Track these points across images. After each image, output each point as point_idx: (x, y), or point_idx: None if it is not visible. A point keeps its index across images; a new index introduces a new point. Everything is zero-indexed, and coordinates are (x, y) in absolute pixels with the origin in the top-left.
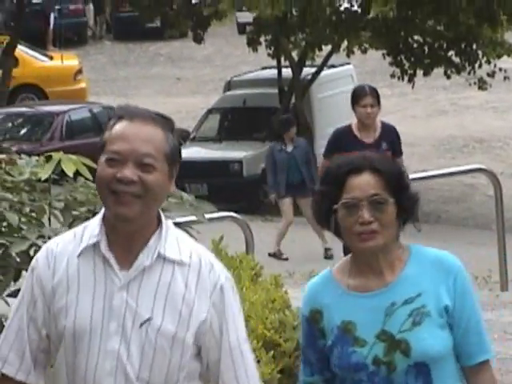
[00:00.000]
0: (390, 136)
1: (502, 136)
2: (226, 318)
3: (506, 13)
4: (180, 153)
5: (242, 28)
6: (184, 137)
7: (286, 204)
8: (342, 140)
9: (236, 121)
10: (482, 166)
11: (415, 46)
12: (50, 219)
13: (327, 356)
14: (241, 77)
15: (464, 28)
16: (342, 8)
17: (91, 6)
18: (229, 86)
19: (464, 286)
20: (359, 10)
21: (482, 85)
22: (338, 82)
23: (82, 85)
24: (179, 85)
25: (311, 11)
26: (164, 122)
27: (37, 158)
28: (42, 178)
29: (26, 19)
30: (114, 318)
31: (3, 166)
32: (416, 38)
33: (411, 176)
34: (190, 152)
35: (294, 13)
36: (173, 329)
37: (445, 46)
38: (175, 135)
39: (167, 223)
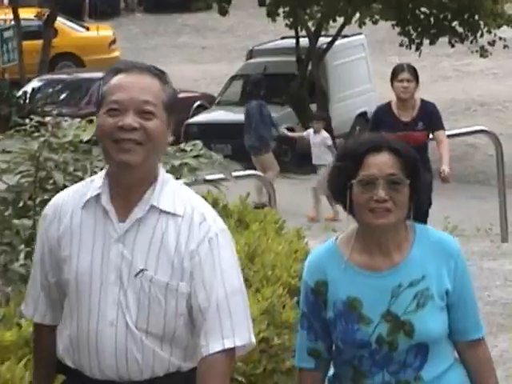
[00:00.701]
0: (429, 113)
1: (502, 100)
2: (214, 268)
3: None
4: (176, 104)
5: (262, 0)
6: (210, 101)
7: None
8: (382, 118)
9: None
10: (484, 128)
11: (422, 17)
12: (90, 177)
13: (331, 326)
14: (261, 46)
15: (467, 0)
16: None
17: None
18: (251, 54)
19: (463, 269)
20: None
21: (483, 53)
22: (351, 50)
23: (116, 53)
24: (204, 53)
25: None
26: (159, 73)
27: (79, 121)
28: (84, 140)
29: None
30: (112, 270)
31: (49, 128)
32: (423, 9)
33: None
34: (215, 115)
35: None
36: (165, 279)
37: (449, 16)
38: (171, 87)
39: (166, 177)
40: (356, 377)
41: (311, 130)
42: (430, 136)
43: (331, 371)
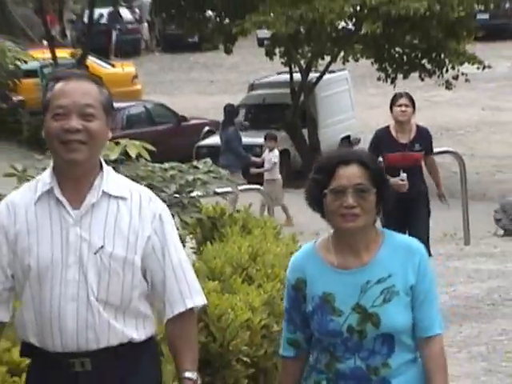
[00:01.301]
0: (424, 138)
1: (464, 125)
2: (167, 241)
3: (466, 30)
4: (112, 105)
5: (261, 42)
6: (217, 127)
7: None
8: (382, 139)
9: (257, 112)
10: (449, 149)
11: (396, 55)
12: None
13: (309, 318)
14: (261, 80)
15: (434, 41)
16: (339, 27)
17: (145, 25)
18: (252, 87)
19: (426, 267)
20: (353, 28)
21: (448, 85)
22: (336, 83)
23: (138, 87)
24: (212, 86)
25: (315, 29)
26: (95, 79)
27: (106, 143)
28: (112, 158)
29: (93, 36)
30: (71, 251)
31: None
32: (397, 49)
33: None
34: (215, 139)
35: (302, 31)
36: (123, 253)
37: (419, 55)
38: (107, 90)
39: (107, 168)
40: (332, 362)
41: (267, 150)
42: None
43: (311, 358)
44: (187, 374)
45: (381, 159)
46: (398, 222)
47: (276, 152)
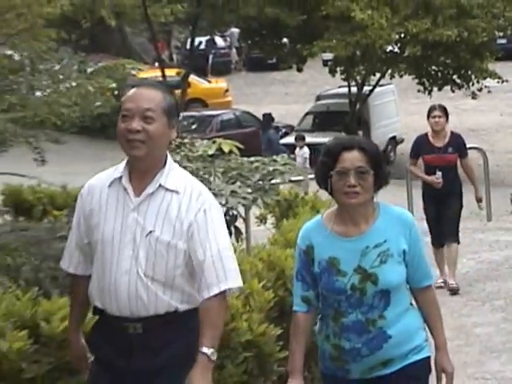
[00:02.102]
0: (457, 142)
1: (486, 127)
2: (208, 231)
3: (489, 52)
4: (177, 109)
5: (325, 62)
6: (291, 129)
7: None
8: (421, 144)
9: (322, 118)
10: (475, 145)
11: (432, 72)
12: (214, 179)
13: (317, 279)
14: (325, 92)
15: (463, 61)
16: (387, 50)
17: (234, 50)
18: (318, 98)
19: (416, 235)
20: (398, 51)
21: (473, 96)
22: (385, 95)
23: (229, 98)
24: (287, 98)
25: (368, 52)
26: (163, 87)
27: (205, 141)
28: (209, 154)
29: (194, 59)
30: (128, 232)
31: (187, 146)
32: (433, 67)
33: None
34: (294, 139)
35: (358, 53)
36: (168, 238)
37: (451, 72)
38: (172, 96)
39: (172, 165)
40: (336, 316)
41: (298, 147)
42: None
43: (320, 314)
44: (204, 349)
45: (420, 160)
46: (433, 211)
47: (305, 149)
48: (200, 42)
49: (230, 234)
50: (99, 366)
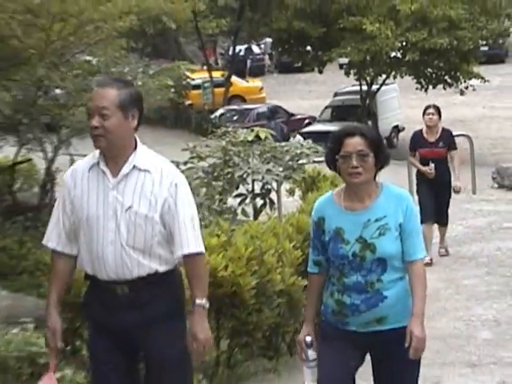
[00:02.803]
0: (447, 137)
1: (471, 118)
2: (178, 203)
3: (474, 57)
4: (136, 101)
5: (341, 66)
6: (313, 120)
7: None
8: (416, 139)
9: (339, 111)
10: (463, 133)
11: (428, 74)
12: (252, 160)
13: (326, 246)
14: (341, 89)
15: (453, 65)
16: (391, 55)
17: (267, 56)
18: (335, 94)
19: (412, 211)
20: (400, 56)
21: (461, 93)
22: (389, 92)
23: (263, 95)
24: (310, 94)
25: (376, 58)
26: (119, 82)
27: (245, 130)
28: (249, 139)
29: (235, 63)
30: (110, 208)
31: (231, 133)
32: (429, 69)
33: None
34: (316, 127)
35: (368, 58)
36: (145, 211)
37: (443, 73)
38: (129, 89)
39: (142, 147)
40: (341, 277)
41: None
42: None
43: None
44: (197, 301)
45: (417, 153)
46: (428, 197)
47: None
48: (240, 50)
49: (265, 204)
50: (95, 328)
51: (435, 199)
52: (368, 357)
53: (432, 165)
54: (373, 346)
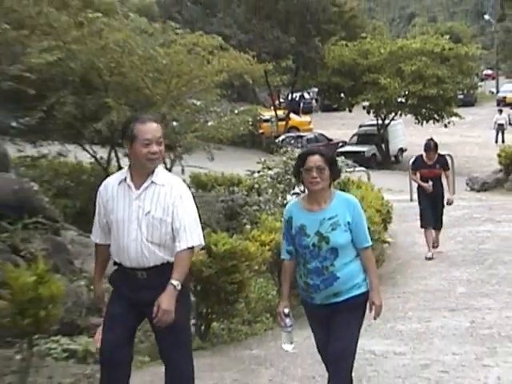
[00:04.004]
0: (442, 161)
1: (452, 143)
2: (183, 211)
3: (453, 102)
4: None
5: (364, 107)
6: (345, 143)
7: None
8: (418, 162)
9: (362, 138)
10: (446, 153)
11: (423, 113)
12: None
13: (294, 238)
14: (364, 123)
15: (440, 107)
16: (398, 100)
17: (314, 100)
18: (360, 126)
19: (358, 211)
20: (404, 101)
21: (445, 126)
22: (396, 125)
23: (311, 126)
24: (343, 126)
25: (388, 102)
26: (158, 119)
27: (299, 150)
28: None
29: (292, 104)
30: (133, 213)
31: (289, 152)
32: (423, 110)
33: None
34: (346, 148)
35: (382, 102)
36: (160, 216)
37: (433, 113)
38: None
39: (159, 167)
40: (304, 263)
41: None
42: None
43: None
44: (173, 281)
45: (418, 174)
46: (427, 207)
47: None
48: (295, 96)
49: None
50: (117, 295)
51: (432, 209)
52: None
53: (430, 182)
54: (332, 313)
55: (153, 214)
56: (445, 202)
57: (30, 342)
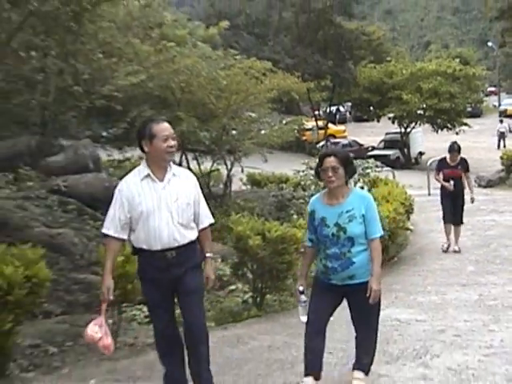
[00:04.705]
0: (464, 163)
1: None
2: (200, 196)
3: (463, 113)
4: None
5: (389, 118)
6: (373, 148)
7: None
8: (442, 163)
9: (388, 143)
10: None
11: (438, 123)
12: None
13: (316, 228)
14: (389, 131)
15: (452, 118)
16: (418, 112)
17: (348, 112)
18: (386, 134)
19: (370, 205)
20: (423, 113)
21: (457, 133)
22: (416, 133)
23: (346, 134)
24: (372, 133)
25: (409, 114)
26: (168, 120)
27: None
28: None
29: (329, 116)
30: (162, 202)
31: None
32: (438, 120)
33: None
34: (375, 152)
35: (404, 114)
36: (186, 201)
37: (446, 123)
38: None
39: (172, 163)
40: (324, 249)
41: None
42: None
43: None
44: (208, 254)
45: (441, 175)
46: (448, 204)
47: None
48: (333, 109)
49: None
50: (149, 284)
51: (453, 206)
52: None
53: (452, 182)
54: (346, 293)
55: (180, 200)
56: (466, 200)
57: (119, 309)
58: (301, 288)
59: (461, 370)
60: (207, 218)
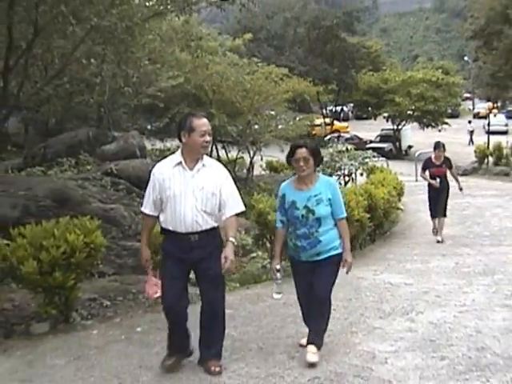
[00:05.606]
0: (448, 161)
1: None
2: (228, 187)
3: (445, 114)
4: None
5: (384, 117)
6: (371, 141)
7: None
8: (428, 162)
9: (383, 137)
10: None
11: (424, 121)
12: (342, 159)
13: (286, 211)
14: (384, 128)
15: (435, 117)
16: (407, 113)
17: (350, 111)
18: (381, 130)
19: (335, 189)
20: (412, 113)
21: (439, 131)
22: (406, 129)
23: (348, 129)
24: (370, 129)
25: (401, 114)
26: (206, 115)
27: (340, 145)
28: (342, 149)
29: (336, 115)
30: (189, 188)
31: (334, 146)
32: (425, 120)
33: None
34: (372, 145)
35: (396, 114)
36: (211, 189)
37: (431, 121)
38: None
39: (204, 155)
40: (294, 230)
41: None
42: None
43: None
44: (231, 239)
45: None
46: (434, 201)
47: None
48: (337, 109)
49: (351, 179)
50: (170, 258)
51: (438, 201)
52: None
53: (438, 179)
54: (314, 268)
55: (206, 189)
56: (450, 193)
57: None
58: (277, 266)
59: (440, 323)
60: (234, 208)
